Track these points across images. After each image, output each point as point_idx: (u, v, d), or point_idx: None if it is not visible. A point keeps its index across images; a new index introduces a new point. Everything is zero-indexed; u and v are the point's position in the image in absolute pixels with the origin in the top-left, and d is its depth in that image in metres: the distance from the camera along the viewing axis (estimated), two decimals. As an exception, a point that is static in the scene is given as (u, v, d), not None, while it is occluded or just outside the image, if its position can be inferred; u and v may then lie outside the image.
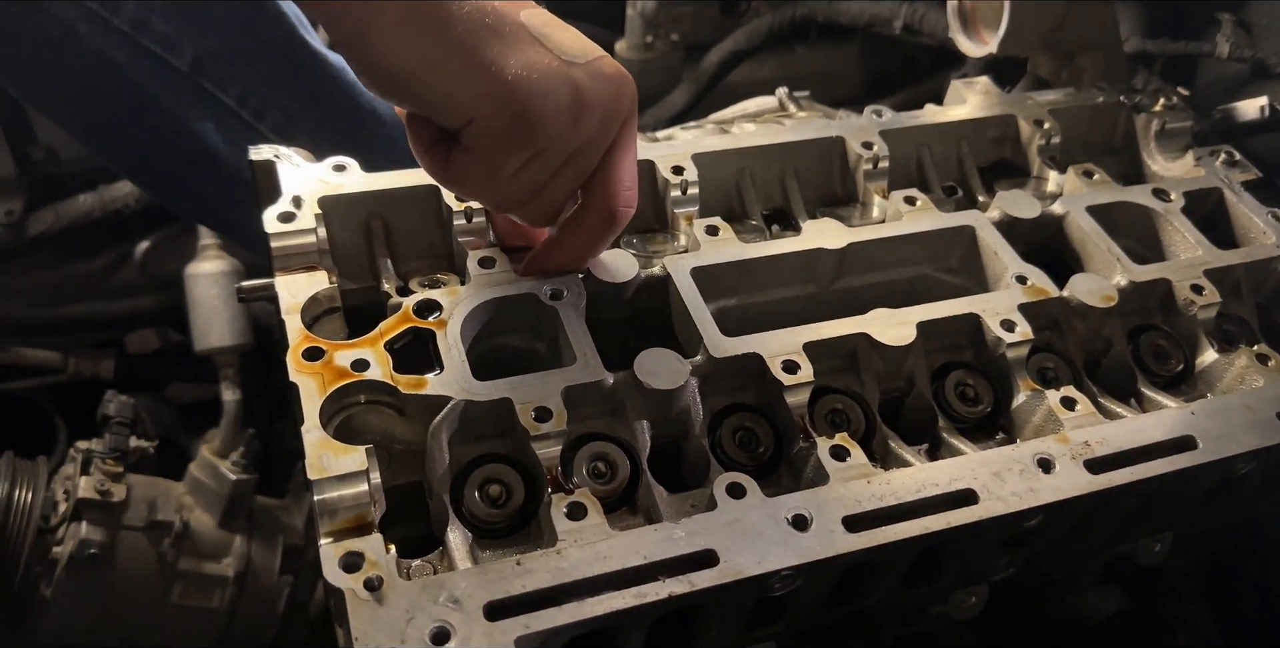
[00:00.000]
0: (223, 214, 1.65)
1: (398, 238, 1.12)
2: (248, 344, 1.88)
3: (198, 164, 1.53)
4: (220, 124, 1.50)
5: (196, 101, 1.48)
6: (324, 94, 1.53)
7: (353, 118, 1.55)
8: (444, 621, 0.77)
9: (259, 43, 1.48)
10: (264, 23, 1.47)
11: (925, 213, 1.19)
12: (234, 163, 1.51)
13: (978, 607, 1.13)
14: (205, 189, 1.58)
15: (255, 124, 1.51)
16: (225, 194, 1.55)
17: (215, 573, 1.73)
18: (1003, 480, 0.93)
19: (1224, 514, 1.28)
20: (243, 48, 1.47)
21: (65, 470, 1.70)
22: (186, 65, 1.45)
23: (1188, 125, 1.39)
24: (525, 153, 0.87)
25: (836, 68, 2.44)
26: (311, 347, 0.93)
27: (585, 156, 0.92)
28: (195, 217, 1.84)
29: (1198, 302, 1.15)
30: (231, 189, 1.49)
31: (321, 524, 0.83)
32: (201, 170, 1.54)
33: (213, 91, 1.48)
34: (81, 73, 1.45)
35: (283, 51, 1.49)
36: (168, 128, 1.50)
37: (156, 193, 1.77)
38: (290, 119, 1.52)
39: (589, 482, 0.93)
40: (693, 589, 0.82)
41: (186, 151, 1.52)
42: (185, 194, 1.64)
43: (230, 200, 1.54)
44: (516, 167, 0.88)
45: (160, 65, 1.44)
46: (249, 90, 1.49)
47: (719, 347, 1.00)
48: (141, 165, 1.62)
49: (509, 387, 0.93)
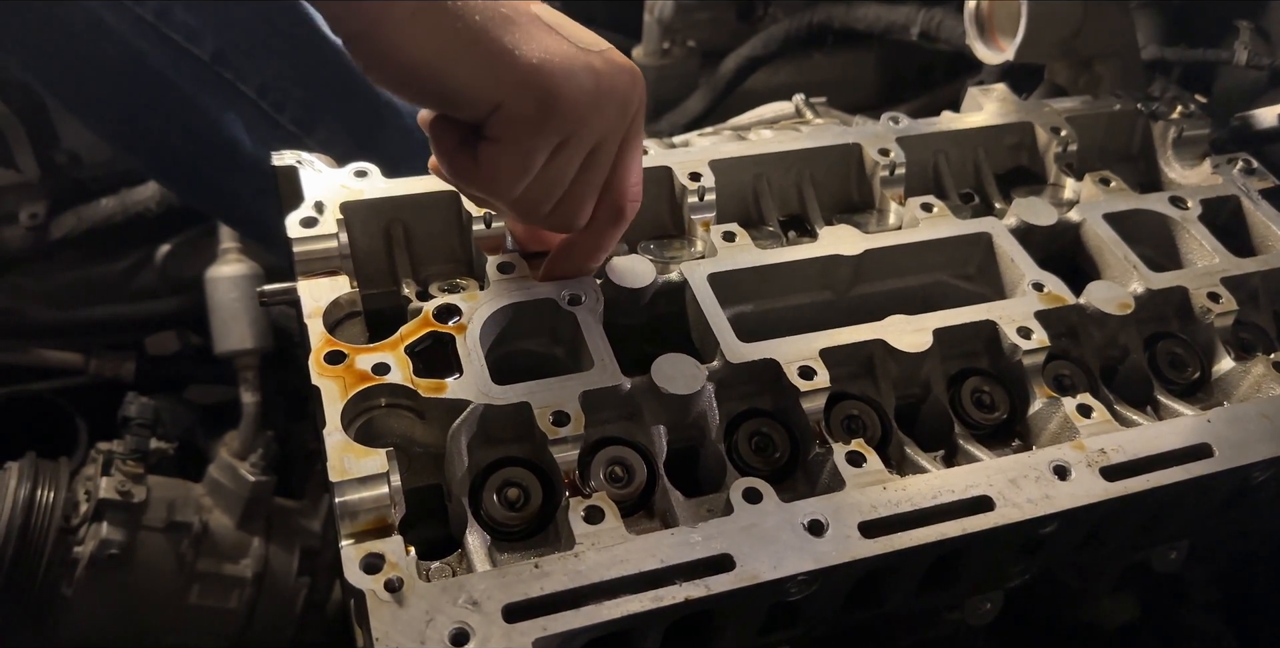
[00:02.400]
0: (242, 205, 1.66)
1: (418, 243, 1.13)
2: (267, 347, 1.90)
3: (219, 155, 1.55)
4: (241, 115, 1.52)
5: (218, 92, 1.50)
6: (342, 86, 1.54)
7: (371, 109, 1.56)
8: (463, 622, 0.78)
9: (279, 35, 1.50)
10: (284, 16, 1.48)
11: (942, 219, 1.20)
12: (254, 153, 1.53)
13: (992, 613, 1.13)
14: (225, 180, 1.59)
15: (275, 116, 1.52)
16: (245, 185, 1.56)
17: (233, 574, 1.75)
18: (1019, 487, 0.94)
19: (1240, 522, 1.28)
20: (263, 40, 1.49)
21: (86, 471, 1.72)
22: (208, 55, 1.46)
23: (1205, 133, 1.39)
24: (554, 138, 0.86)
25: (852, 74, 2.45)
26: (333, 351, 0.94)
27: (605, 149, 0.92)
28: (215, 209, 1.86)
29: (1214, 310, 1.15)
30: (252, 180, 1.51)
31: (342, 526, 0.84)
32: (222, 161, 1.55)
33: (234, 82, 1.49)
34: (106, 63, 1.47)
35: (302, 44, 1.50)
36: (189, 118, 1.52)
37: (177, 185, 1.79)
38: (310, 111, 1.53)
39: (606, 486, 0.94)
40: (709, 593, 0.82)
41: (208, 142, 1.54)
42: (205, 186, 1.66)
43: (250, 191, 1.55)
44: (545, 155, 0.87)
45: (182, 55, 1.46)
46: (269, 82, 1.51)
47: (735, 352, 1.01)
48: (163, 157, 1.64)
49: (527, 391, 0.94)
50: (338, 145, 1.54)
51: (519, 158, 0.87)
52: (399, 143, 1.58)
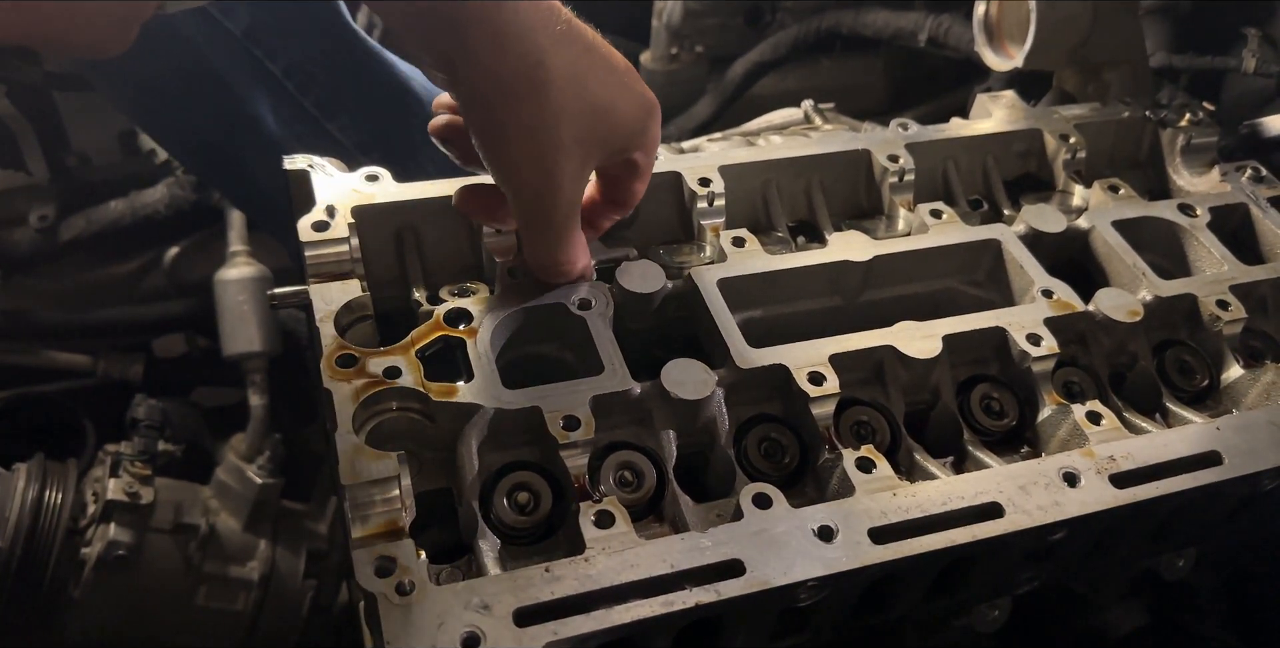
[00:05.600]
0: (259, 184, 1.65)
1: (428, 247, 1.14)
2: (275, 350, 1.90)
3: (241, 130, 1.55)
4: (267, 93, 1.52)
5: (246, 67, 1.50)
6: (367, 74, 1.55)
7: (393, 98, 1.57)
8: (474, 626, 0.78)
9: (309, 19, 1.50)
10: (315, 1, 1.49)
11: (951, 226, 1.20)
12: (276, 133, 1.54)
13: (1001, 620, 1.13)
14: (243, 157, 1.59)
15: (300, 97, 1.53)
16: (263, 165, 1.55)
17: (240, 576, 1.75)
18: (1028, 494, 0.94)
19: (1249, 530, 1.28)
20: (293, 21, 1.50)
21: (94, 473, 1.72)
22: (240, 30, 1.47)
23: (1214, 140, 1.39)
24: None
25: (860, 80, 2.45)
26: (345, 354, 0.95)
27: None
28: (225, 186, 1.85)
29: (1223, 317, 1.15)
30: (271, 158, 1.51)
31: (353, 529, 0.85)
32: (244, 137, 1.55)
33: (262, 60, 1.50)
34: (142, 33, 1.48)
35: (331, 30, 1.51)
36: (216, 90, 1.52)
37: (197, 161, 1.78)
38: (333, 96, 1.54)
39: (616, 490, 0.94)
40: (719, 599, 0.83)
41: (232, 117, 1.54)
42: (226, 162, 1.66)
43: (269, 170, 1.56)
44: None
45: (216, 28, 1.46)
46: (295, 64, 1.51)
47: (745, 358, 1.01)
48: (187, 130, 1.64)
49: (538, 395, 0.95)
50: (358, 132, 1.56)
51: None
52: (420, 132, 1.59)
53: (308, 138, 1.55)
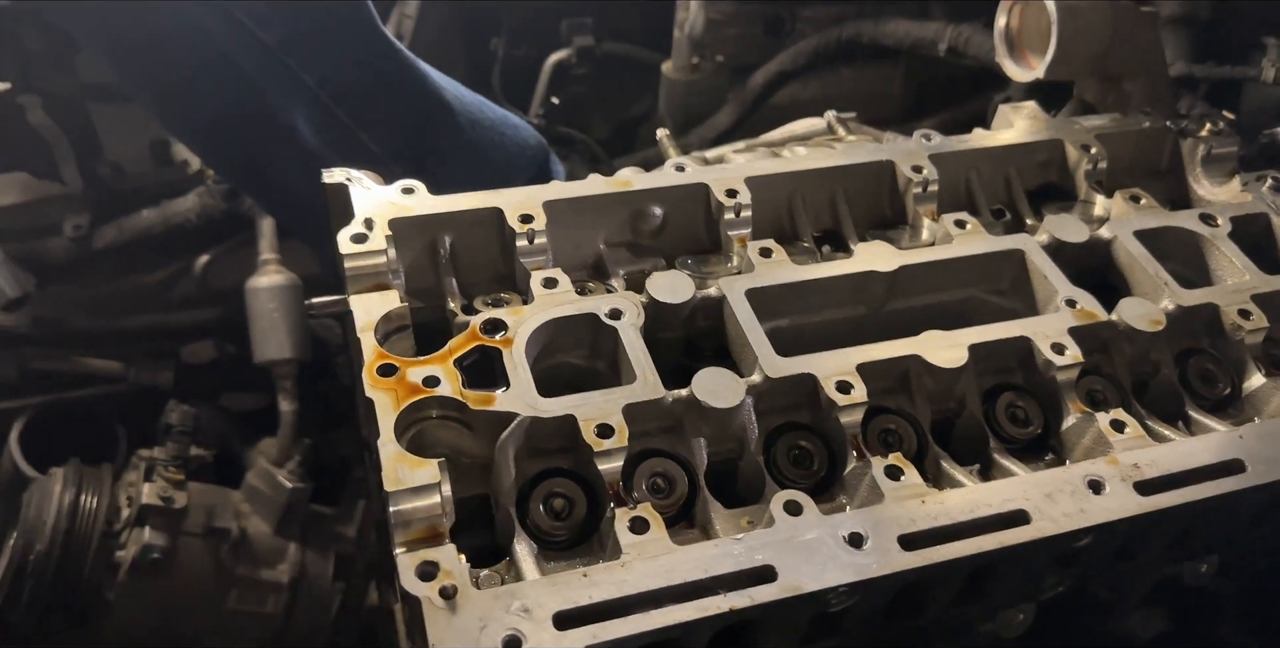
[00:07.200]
0: (292, 190, 1.69)
1: (463, 258, 1.16)
2: (305, 356, 1.93)
3: (275, 141, 1.58)
4: (301, 104, 1.55)
5: (281, 79, 1.53)
6: (399, 85, 1.58)
7: (424, 109, 1.60)
8: (515, 629, 0.80)
9: (343, 30, 1.53)
10: (347, 12, 1.52)
11: (975, 236, 1.22)
12: (310, 142, 1.57)
13: (1025, 625, 1.15)
14: (279, 164, 1.63)
15: (333, 107, 1.56)
16: (299, 172, 1.58)
17: (270, 579, 1.78)
18: (1054, 501, 0.95)
19: (1271, 537, 1.29)
20: (327, 33, 1.53)
21: (128, 477, 1.76)
22: (275, 42, 1.50)
23: (1234, 150, 1.40)
24: None
25: (879, 89, 2.47)
26: (386, 363, 0.97)
27: None
28: (265, 196, 1.89)
29: (1245, 326, 1.16)
30: (303, 167, 1.54)
31: (396, 534, 0.87)
32: (278, 147, 1.59)
33: (296, 71, 1.53)
34: (173, 37, 1.51)
35: (363, 41, 1.54)
36: (251, 102, 1.55)
37: (230, 168, 1.82)
38: (365, 106, 1.57)
39: (648, 497, 0.97)
40: (753, 604, 0.85)
41: (266, 127, 1.58)
42: (260, 172, 1.69)
43: (302, 176, 1.59)
44: None
45: (251, 40, 1.49)
46: (328, 76, 1.54)
47: (774, 367, 1.03)
48: (222, 141, 1.67)
49: (573, 404, 0.97)
50: (391, 141, 1.59)
51: None
52: (451, 141, 1.61)
53: (340, 146, 1.58)
